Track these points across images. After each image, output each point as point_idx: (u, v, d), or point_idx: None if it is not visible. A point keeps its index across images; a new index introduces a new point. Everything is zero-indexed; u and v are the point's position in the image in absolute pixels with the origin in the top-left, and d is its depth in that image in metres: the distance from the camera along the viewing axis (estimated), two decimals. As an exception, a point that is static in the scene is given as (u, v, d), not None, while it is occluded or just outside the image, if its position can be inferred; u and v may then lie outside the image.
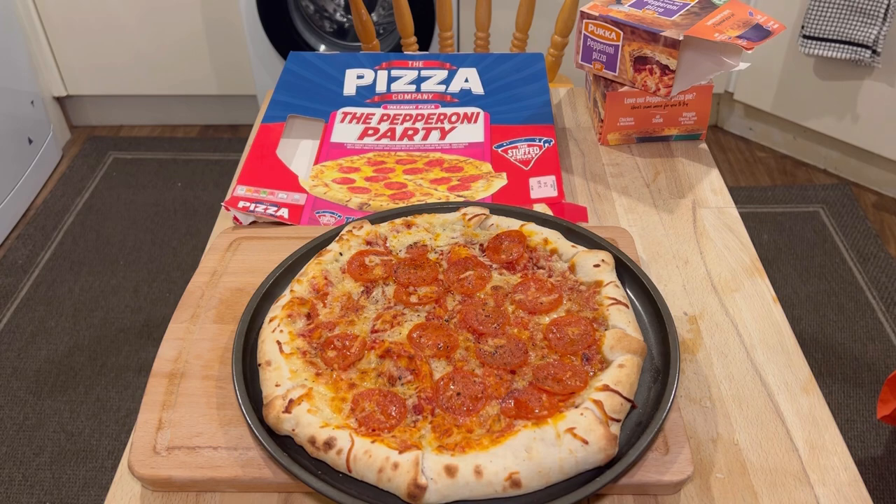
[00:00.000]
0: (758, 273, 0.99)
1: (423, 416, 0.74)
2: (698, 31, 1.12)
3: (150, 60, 2.96)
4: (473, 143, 1.22)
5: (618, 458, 0.69)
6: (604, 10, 1.18)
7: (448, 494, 0.67)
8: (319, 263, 0.89)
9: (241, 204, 1.07)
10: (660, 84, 1.16)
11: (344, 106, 1.31)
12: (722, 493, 0.73)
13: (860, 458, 1.82)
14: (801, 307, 2.23)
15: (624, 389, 0.73)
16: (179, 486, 0.73)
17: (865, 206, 2.65)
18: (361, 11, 1.85)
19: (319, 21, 2.76)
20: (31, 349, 2.16)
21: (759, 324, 0.92)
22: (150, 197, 2.76)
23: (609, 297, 0.84)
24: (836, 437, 0.79)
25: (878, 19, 2.35)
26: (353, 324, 0.84)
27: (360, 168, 1.17)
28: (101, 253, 2.51)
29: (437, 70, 1.38)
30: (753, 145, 2.99)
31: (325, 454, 0.70)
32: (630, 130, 1.24)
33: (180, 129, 3.18)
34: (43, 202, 2.74)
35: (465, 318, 0.83)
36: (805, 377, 0.85)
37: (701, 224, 1.08)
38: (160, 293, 2.35)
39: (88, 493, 1.80)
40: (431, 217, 0.97)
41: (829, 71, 2.59)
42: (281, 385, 0.75)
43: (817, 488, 0.74)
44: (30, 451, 1.88)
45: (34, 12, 2.81)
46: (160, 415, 0.78)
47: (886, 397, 1.61)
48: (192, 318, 0.89)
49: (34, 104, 2.78)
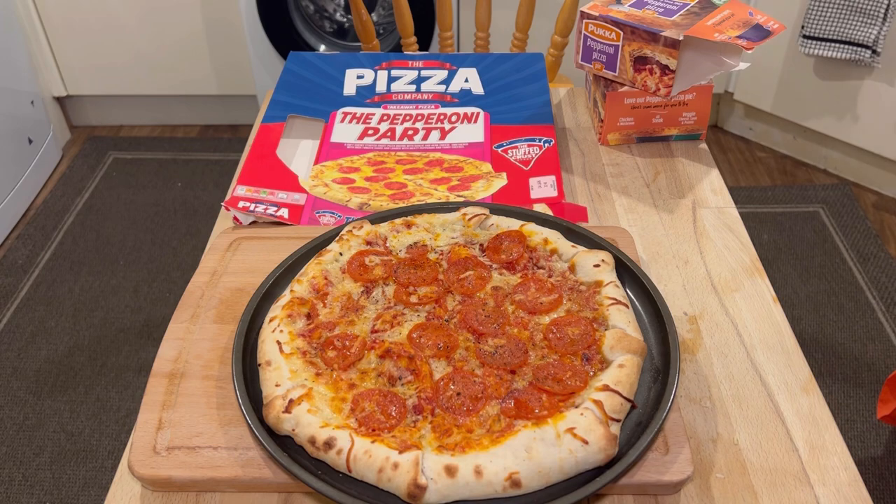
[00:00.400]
0: (758, 273, 0.99)
1: (423, 416, 0.74)
2: (698, 31, 1.12)
3: (150, 60, 2.96)
4: (473, 143, 1.22)
5: (618, 458, 0.69)
6: (604, 10, 1.18)
7: (448, 494, 0.67)
8: (319, 263, 0.89)
9: (241, 204, 1.07)
10: (660, 84, 1.16)
11: (344, 106, 1.31)
12: (722, 493, 0.73)
13: (860, 458, 1.82)
14: (801, 307, 2.23)
15: (624, 389, 0.73)
16: (179, 486, 0.73)
17: (865, 206, 2.64)
18: (361, 11, 1.85)
19: (319, 21, 2.76)
20: (31, 349, 2.16)
21: (759, 324, 0.92)
22: (150, 197, 2.76)
23: (609, 297, 0.84)
24: (836, 437, 0.79)
25: (878, 19, 2.35)
26: (353, 324, 0.84)
27: (360, 168, 1.17)
28: (101, 253, 2.51)
29: (437, 70, 1.38)
30: (753, 145, 2.99)
31: (325, 454, 0.70)
32: (630, 130, 1.24)
33: (180, 129, 3.18)
34: (43, 202, 2.74)
35: (465, 318, 0.83)
36: (805, 377, 0.85)
37: (701, 224, 1.08)
38: (160, 293, 2.35)
39: (88, 493, 1.80)
40: (431, 217, 0.97)
41: (829, 71, 2.59)
42: (281, 385, 0.75)
43: (817, 488, 0.74)
44: (30, 451, 1.88)
45: (34, 12, 2.81)
46: (160, 415, 0.78)
47: (886, 397, 1.61)
48: (192, 318, 0.89)
49: (34, 104, 2.78)
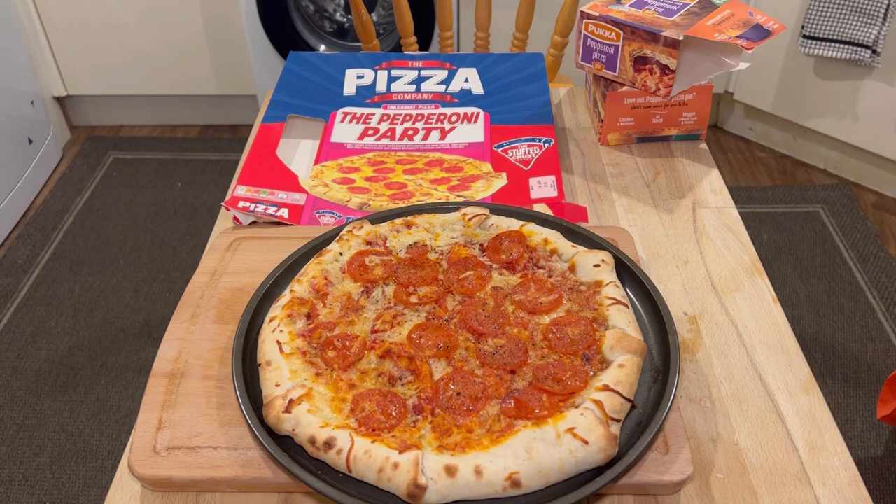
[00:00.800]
0: (758, 273, 0.99)
1: (423, 416, 0.74)
2: (698, 31, 1.12)
3: (150, 60, 2.96)
4: (473, 143, 1.22)
5: (618, 458, 0.69)
6: (604, 10, 1.18)
7: (448, 494, 0.67)
8: (319, 263, 0.89)
9: (241, 204, 1.07)
10: (660, 84, 1.16)
11: (344, 106, 1.31)
12: (722, 493, 0.73)
13: (860, 458, 1.82)
14: (801, 307, 2.23)
15: (624, 389, 0.73)
16: (179, 486, 0.73)
17: (865, 206, 2.64)
18: (361, 11, 1.85)
19: (319, 21, 2.76)
20: (31, 349, 2.16)
21: (759, 324, 0.92)
22: (150, 197, 2.76)
23: (609, 297, 0.84)
24: (836, 437, 0.79)
25: (878, 19, 2.35)
26: (353, 324, 0.84)
27: (360, 168, 1.17)
28: (101, 253, 2.51)
29: (437, 70, 1.38)
30: (753, 145, 2.99)
31: (325, 454, 0.70)
32: (630, 130, 1.24)
33: (180, 129, 3.18)
34: (43, 202, 2.74)
35: (465, 318, 0.83)
36: (805, 377, 0.85)
37: (701, 224, 1.08)
38: (160, 293, 2.35)
39: (88, 493, 1.80)
40: (431, 217, 0.97)
41: (829, 71, 2.59)
42: (281, 385, 0.75)
43: (817, 488, 0.74)
44: (30, 451, 1.88)
45: (34, 12, 2.81)
46: (160, 415, 0.78)
47: (886, 397, 1.61)
48: (192, 318, 0.89)
49: (34, 104, 2.78)
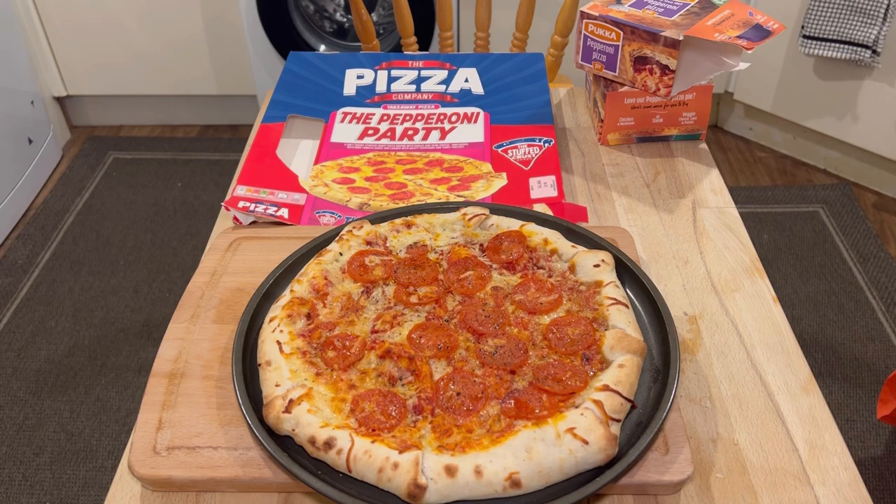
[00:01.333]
0: (758, 273, 0.99)
1: (423, 416, 0.74)
2: (698, 31, 1.12)
3: (150, 60, 2.96)
4: (473, 143, 1.22)
5: (618, 458, 0.69)
6: (604, 10, 1.18)
7: (448, 494, 0.67)
8: (319, 263, 0.89)
9: (241, 204, 1.07)
10: (660, 84, 1.16)
11: (344, 106, 1.31)
12: (722, 493, 0.73)
13: (860, 458, 1.82)
14: (801, 307, 2.23)
15: (624, 389, 0.73)
16: (179, 486, 0.73)
17: (865, 206, 2.64)
18: (361, 11, 1.85)
19: (319, 21, 2.76)
20: (31, 349, 2.16)
21: (759, 324, 0.92)
22: (150, 197, 2.76)
23: (609, 297, 0.84)
24: (836, 437, 0.79)
25: (878, 19, 2.35)
26: (353, 324, 0.84)
27: (360, 168, 1.17)
28: (101, 253, 2.51)
29: (437, 70, 1.38)
30: (753, 145, 2.99)
31: (325, 454, 0.70)
32: (630, 130, 1.24)
33: (180, 129, 3.18)
34: (43, 202, 2.74)
35: (465, 318, 0.83)
36: (805, 377, 0.85)
37: (701, 224, 1.08)
38: (160, 293, 2.35)
39: (88, 493, 1.80)
40: (431, 217, 0.97)
41: (829, 71, 2.59)
42: (281, 385, 0.75)
43: (817, 488, 0.74)
44: (30, 451, 1.88)
45: (34, 12, 2.81)
46: (160, 415, 0.78)
47: (886, 397, 1.61)
48: (192, 318, 0.89)
49: (34, 104, 2.78)
